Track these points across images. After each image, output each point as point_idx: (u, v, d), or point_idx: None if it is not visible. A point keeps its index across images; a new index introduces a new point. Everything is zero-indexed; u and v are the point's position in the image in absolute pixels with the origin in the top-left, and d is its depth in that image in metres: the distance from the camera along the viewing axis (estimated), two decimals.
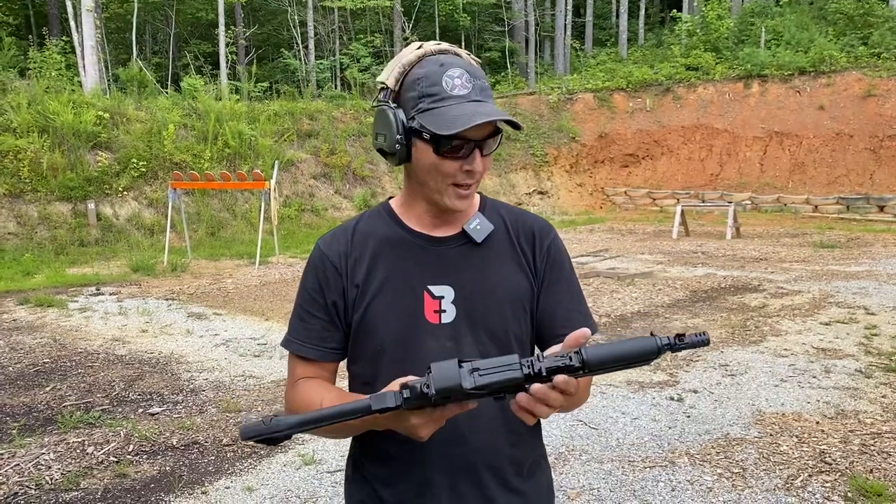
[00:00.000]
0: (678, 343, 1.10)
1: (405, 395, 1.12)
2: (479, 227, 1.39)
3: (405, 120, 1.29)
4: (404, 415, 1.14)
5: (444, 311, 1.34)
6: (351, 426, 1.22)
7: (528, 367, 1.10)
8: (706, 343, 1.11)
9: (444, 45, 1.35)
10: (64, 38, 21.12)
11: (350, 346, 1.39)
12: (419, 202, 1.40)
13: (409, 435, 1.19)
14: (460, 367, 1.10)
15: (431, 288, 1.35)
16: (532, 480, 1.44)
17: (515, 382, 1.10)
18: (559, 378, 1.09)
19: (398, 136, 1.29)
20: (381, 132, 1.32)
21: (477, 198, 1.47)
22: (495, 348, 1.35)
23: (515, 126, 1.29)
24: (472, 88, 1.29)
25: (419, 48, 1.34)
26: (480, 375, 1.10)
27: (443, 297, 1.34)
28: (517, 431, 1.39)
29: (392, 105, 1.31)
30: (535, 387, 1.10)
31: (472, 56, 1.38)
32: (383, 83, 1.33)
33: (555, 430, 4.51)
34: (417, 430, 1.16)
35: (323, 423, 1.13)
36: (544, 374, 1.10)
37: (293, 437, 1.37)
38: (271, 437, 1.13)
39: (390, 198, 1.48)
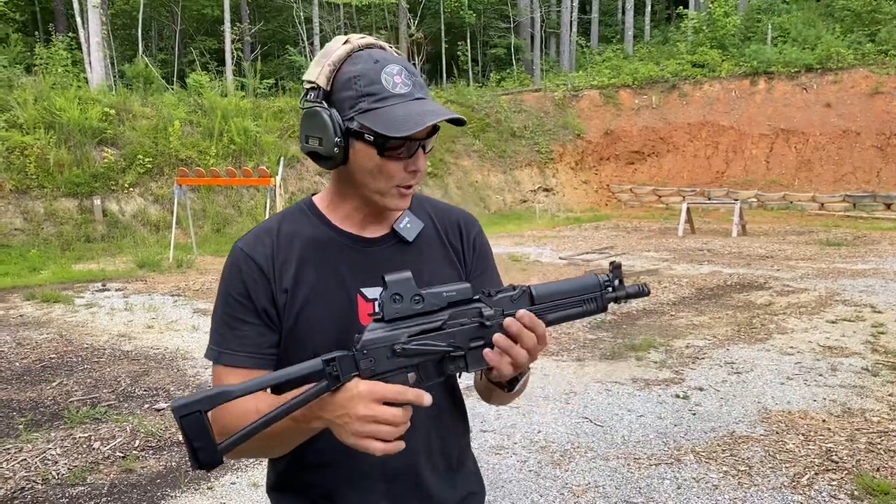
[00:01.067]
0: (618, 280, 1.18)
1: (357, 336, 1.11)
2: (409, 225, 1.35)
3: (342, 121, 1.21)
4: (348, 388, 1.08)
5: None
6: (285, 429, 1.14)
7: (480, 292, 1.17)
8: (646, 293, 1.22)
9: (370, 39, 1.27)
10: (70, 34, 21.15)
11: (281, 354, 1.30)
12: (349, 202, 1.33)
13: (349, 429, 1.08)
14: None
15: (365, 290, 1.31)
16: (463, 469, 1.45)
17: (465, 295, 1.16)
18: (522, 312, 1.12)
19: (336, 139, 1.21)
20: (315, 135, 1.23)
21: None
22: None
23: (459, 122, 1.24)
24: (413, 86, 1.22)
25: (345, 43, 1.26)
26: (430, 285, 1.17)
27: (377, 300, 1.24)
28: (447, 426, 1.39)
29: (325, 106, 1.23)
30: (509, 321, 1.12)
31: (396, 50, 1.30)
32: (312, 82, 1.24)
33: (560, 427, 4.51)
34: (359, 406, 1.06)
35: (269, 425, 1.07)
36: (493, 296, 1.15)
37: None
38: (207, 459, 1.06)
39: (313, 194, 1.41)
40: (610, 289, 1.19)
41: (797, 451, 4.07)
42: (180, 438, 4.42)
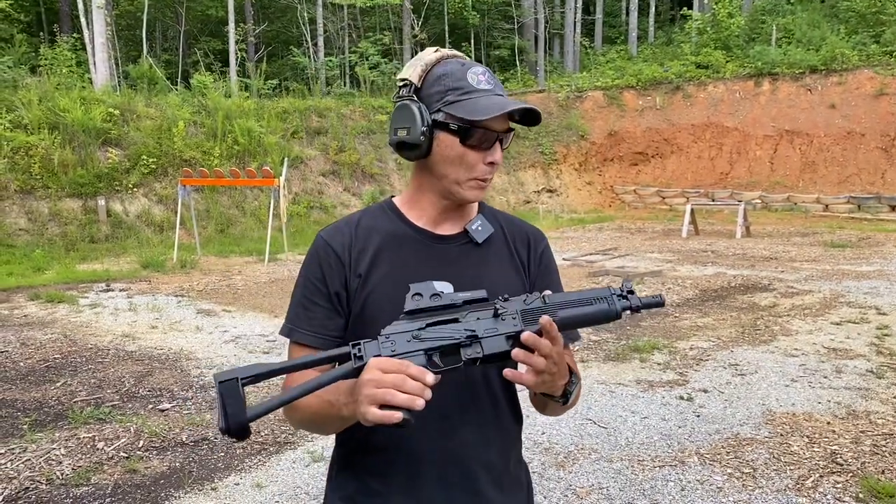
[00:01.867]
0: (630, 293, 1.25)
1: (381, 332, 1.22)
2: (480, 228, 1.43)
3: (429, 114, 1.33)
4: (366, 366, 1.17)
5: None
6: (325, 412, 1.26)
7: (497, 299, 1.25)
8: (661, 304, 1.30)
9: (458, 53, 1.42)
10: (75, 34, 21.19)
11: (348, 336, 1.39)
12: (427, 198, 1.43)
13: (362, 400, 1.13)
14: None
15: (433, 283, 1.36)
16: (517, 479, 1.49)
17: (482, 297, 1.25)
18: (544, 319, 1.16)
19: (423, 129, 1.32)
20: (404, 126, 1.35)
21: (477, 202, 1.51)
22: None
23: (536, 120, 1.35)
24: (495, 85, 1.35)
25: (437, 51, 1.40)
26: (452, 292, 1.27)
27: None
28: (505, 428, 1.44)
29: (414, 99, 1.35)
30: (526, 335, 1.17)
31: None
32: (405, 79, 1.37)
33: (564, 428, 4.51)
34: (364, 373, 1.14)
35: (296, 399, 1.18)
36: (508, 299, 1.24)
37: (299, 431, 1.38)
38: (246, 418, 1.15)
39: (392, 196, 1.50)
40: (622, 297, 1.25)
41: (802, 454, 4.06)
42: (184, 439, 4.42)
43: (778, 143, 20.05)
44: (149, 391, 5.39)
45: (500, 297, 1.25)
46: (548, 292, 1.26)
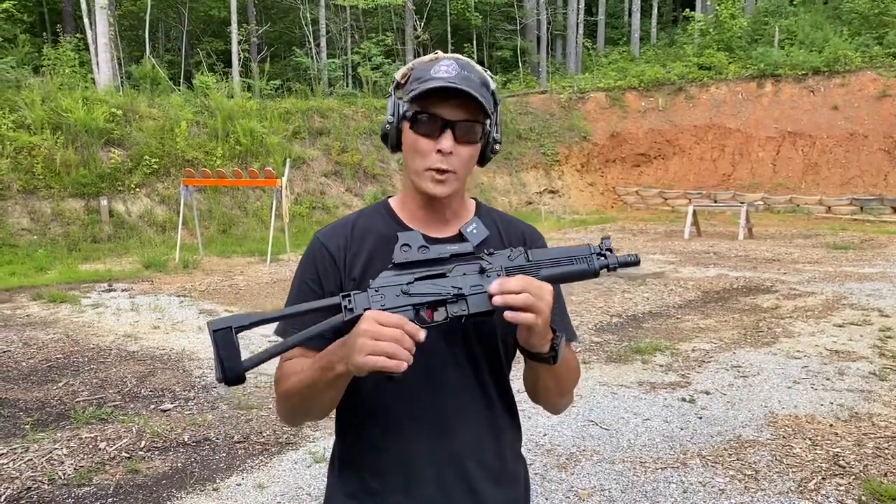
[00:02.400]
0: (609, 251, 1.31)
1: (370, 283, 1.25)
2: (475, 230, 1.42)
3: (401, 109, 1.39)
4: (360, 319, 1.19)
5: (437, 309, 1.36)
6: (327, 377, 1.26)
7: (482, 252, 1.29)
8: (636, 262, 1.33)
9: (460, 57, 1.43)
10: (78, 35, 21.21)
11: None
12: (411, 196, 1.45)
13: (356, 353, 1.16)
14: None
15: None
16: (513, 474, 1.50)
17: (466, 249, 1.29)
18: (496, 282, 1.22)
19: (389, 119, 1.40)
20: (386, 120, 1.42)
21: (473, 204, 1.53)
22: (481, 346, 1.41)
23: (483, 111, 1.34)
24: (455, 75, 1.33)
25: (435, 54, 1.43)
26: (437, 243, 1.31)
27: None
28: (500, 427, 1.46)
29: (392, 94, 1.42)
30: (493, 285, 1.22)
31: (485, 70, 1.45)
32: (395, 78, 1.43)
33: (566, 430, 4.50)
34: (361, 323, 1.17)
35: (289, 349, 1.25)
36: (493, 253, 1.29)
37: (301, 431, 1.38)
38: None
39: (389, 196, 1.53)
40: (601, 256, 1.31)
41: (804, 456, 4.06)
42: (186, 439, 4.43)
43: (780, 144, 20.04)
44: (151, 391, 5.39)
45: (486, 251, 1.28)
46: (532, 250, 1.32)
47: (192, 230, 12.97)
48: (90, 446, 4.32)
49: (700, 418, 4.68)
